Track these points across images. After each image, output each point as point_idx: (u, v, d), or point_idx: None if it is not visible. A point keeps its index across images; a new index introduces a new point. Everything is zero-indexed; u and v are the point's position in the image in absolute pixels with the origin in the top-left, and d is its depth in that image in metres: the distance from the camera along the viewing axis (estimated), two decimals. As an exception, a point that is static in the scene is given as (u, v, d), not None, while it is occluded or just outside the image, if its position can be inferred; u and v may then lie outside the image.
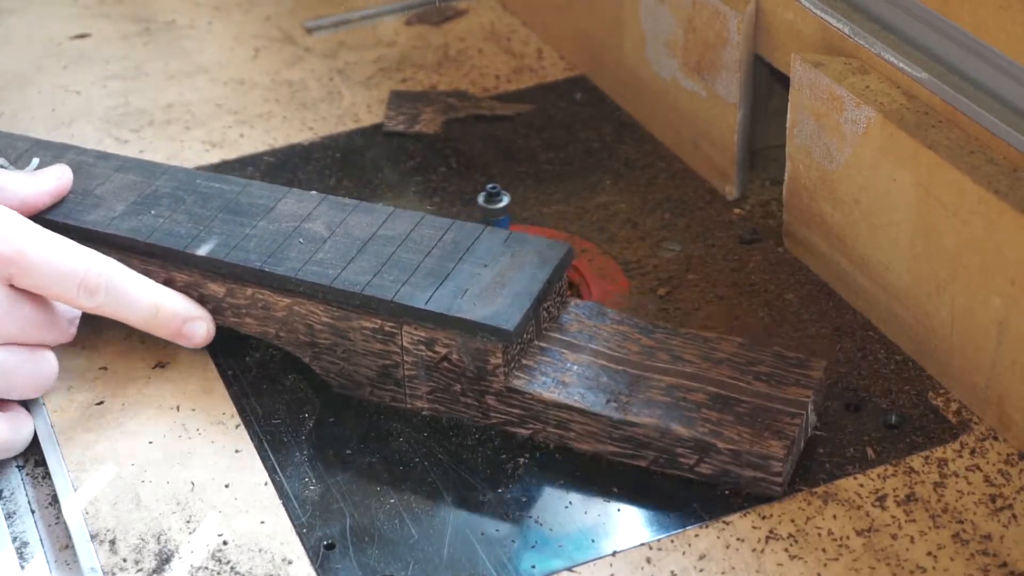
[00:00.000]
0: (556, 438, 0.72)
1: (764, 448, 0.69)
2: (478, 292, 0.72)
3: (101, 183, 0.81)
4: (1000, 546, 0.67)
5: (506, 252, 0.75)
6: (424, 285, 0.73)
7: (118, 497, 0.71)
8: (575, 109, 1.00)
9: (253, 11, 1.12)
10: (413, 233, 0.76)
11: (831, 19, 0.80)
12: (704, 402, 0.71)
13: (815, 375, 0.72)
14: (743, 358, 0.73)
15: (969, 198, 0.71)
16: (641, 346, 0.74)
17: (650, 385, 0.72)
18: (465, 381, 0.73)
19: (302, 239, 0.76)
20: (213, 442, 0.74)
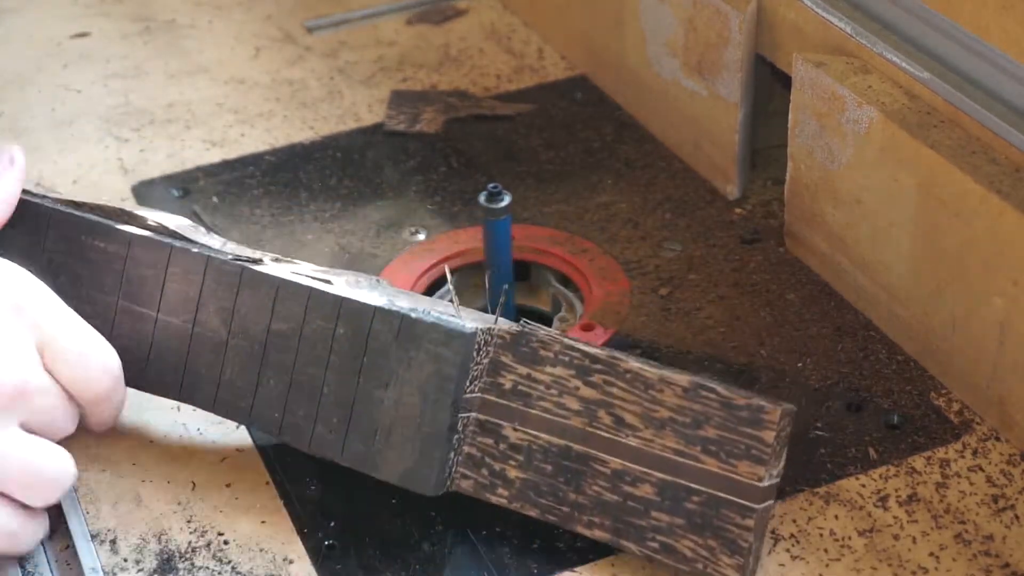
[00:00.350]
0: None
1: (719, 568, 0.65)
2: (387, 432, 0.68)
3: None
4: (1002, 547, 0.67)
5: (401, 360, 0.67)
6: (333, 424, 0.68)
7: (119, 497, 0.71)
8: (576, 109, 1.00)
9: (254, 10, 1.12)
10: (305, 330, 0.69)
11: (833, 19, 0.80)
12: (652, 499, 0.66)
13: (768, 436, 0.65)
14: (688, 415, 0.66)
15: (971, 198, 0.71)
16: (580, 402, 0.67)
17: (596, 472, 0.67)
18: None
19: (205, 349, 0.71)
20: (214, 442, 0.74)
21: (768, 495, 0.65)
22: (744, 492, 0.65)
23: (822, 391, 0.76)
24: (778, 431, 0.65)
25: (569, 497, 0.67)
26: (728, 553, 0.65)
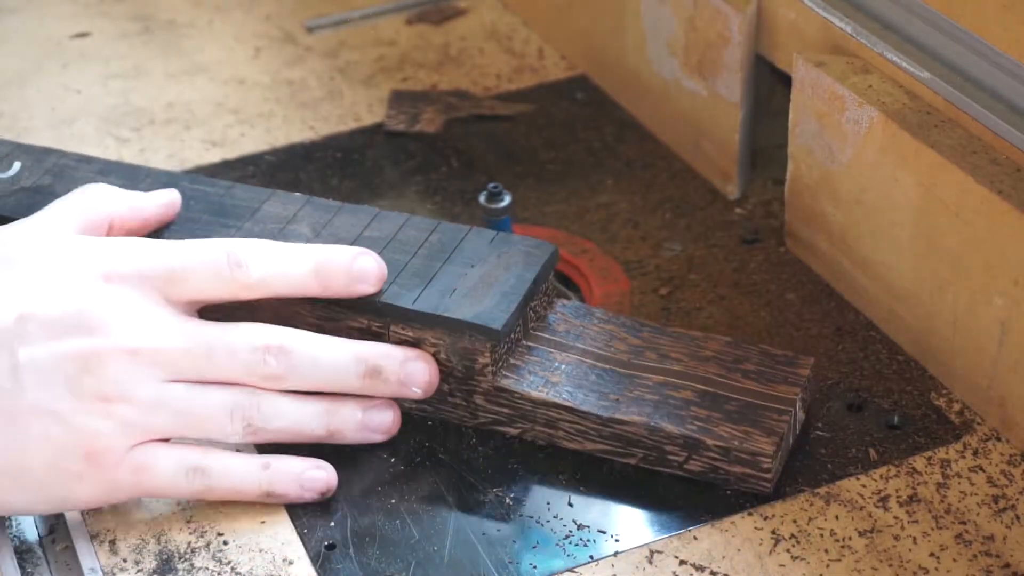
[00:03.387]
0: (545, 437, 0.72)
1: (753, 445, 0.69)
2: (465, 292, 0.72)
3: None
4: (1003, 547, 0.67)
5: (492, 253, 0.75)
6: (411, 285, 0.73)
7: (118, 497, 0.71)
8: (576, 109, 0.99)
9: (253, 10, 1.12)
10: (399, 234, 0.76)
11: (833, 18, 0.80)
12: (693, 400, 0.71)
13: (803, 372, 0.72)
14: (730, 356, 0.73)
15: (971, 198, 0.71)
16: (628, 345, 0.74)
17: (638, 384, 0.72)
18: (453, 381, 0.72)
19: (288, 240, 0.75)
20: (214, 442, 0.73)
21: (799, 409, 0.71)
22: (780, 401, 0.71)
23: (822, 391, 0.76)
24: (811, 373, 0.72)
25: (609, 396, 0.71)
26: (763, 434, 0.69)
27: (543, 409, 0.71)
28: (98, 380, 0.67)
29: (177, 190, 0.78)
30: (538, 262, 0.74)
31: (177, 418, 0.69)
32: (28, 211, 0.77)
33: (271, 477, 0.69)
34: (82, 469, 0.67)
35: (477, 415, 0.73)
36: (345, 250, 0.72)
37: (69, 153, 0.83)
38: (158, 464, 0.68)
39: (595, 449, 0.71)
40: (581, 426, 0.71)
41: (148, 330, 0.69)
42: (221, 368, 0.69)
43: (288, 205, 0.78)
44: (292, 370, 0.70)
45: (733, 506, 0.69)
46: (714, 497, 0.70)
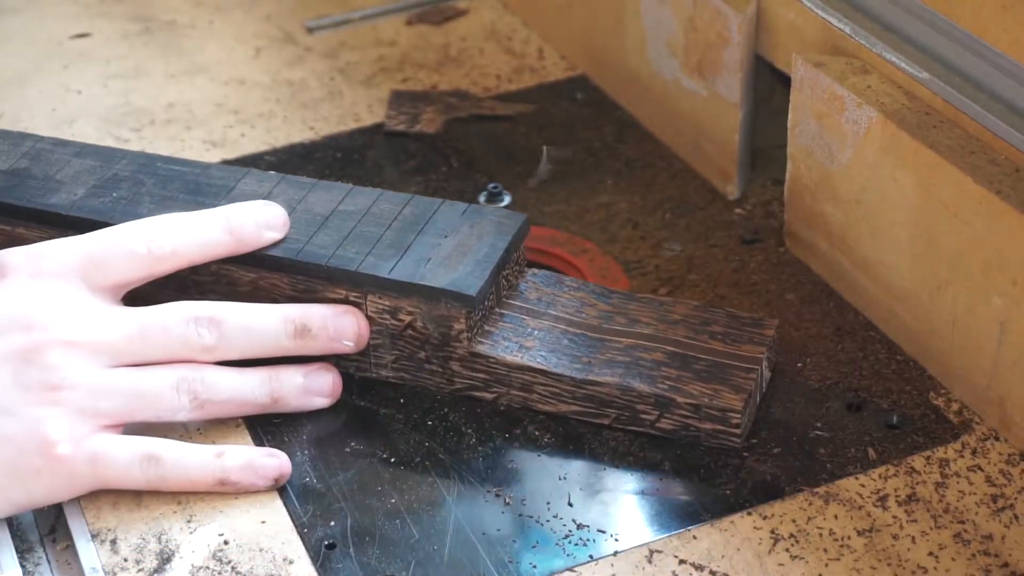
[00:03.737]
0: (520, 401, 0.74)
1: (723, 401, 0.71)
2: (440, 261, 0.74)
3: (60, 168, 0.81)
4: (1002, 546, 0.67)
5: (464, 223, 0.76)
6: (387, 256, 0.74)
7: (119, 497, 0.71)
8: (576, 109, 1.00)
9: (254, 10, 1.12)
10: (373, 208, 0.77)
11: (832, 19, 0.80)
12: (662, 361, 0.73)
13: (768, 333, 0.75)
14: (697, 319, 0.75)
15: (970, 198, 0.71)
16: (599, 311, 0.76)
17: (609, 347, 0.74)
18: (429, 348, 0.74)
19: None
20: (214, 442, 0.74)
21: (765, 368, 0.74)
22: (747, 360, 0.73)
23: (822, 391, 0.76)
24: (775, 334, 0.75)
25: (582, 359, 0.73)
26: (732, 391, 0.71)
27: (518, 373, 0.73)
28: (42, 371, 0.69)
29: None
30: (510, 231, 0.76)
31: (126, 400, 0.70)
32: (5, 193, 0.79)
33: (224, 464, 0.70)
34: (39, 464, 0.68)
35: (453, 381, 0.75)
36: (249, 203, 0.75)
37: (45, 137, 0.84)
38: (112, 453, 0.69)
39: (569, 411, 0.73)
40: (555, 388, 0.73)
41: (82, 321, 0.70)
42: (157, 346, 0.71)
43: (263, 183, 0.80)
44: (225, 339, 0.72)
45: (733, 506, 0.70)
46: (714, 497, 0.70)
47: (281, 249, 0.75)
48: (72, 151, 0.83)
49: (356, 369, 0.76)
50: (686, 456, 0.72)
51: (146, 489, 0.70)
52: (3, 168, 0.82)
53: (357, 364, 0.76)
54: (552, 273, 0.79)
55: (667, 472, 0.72)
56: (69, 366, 0.69)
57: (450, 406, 0.76)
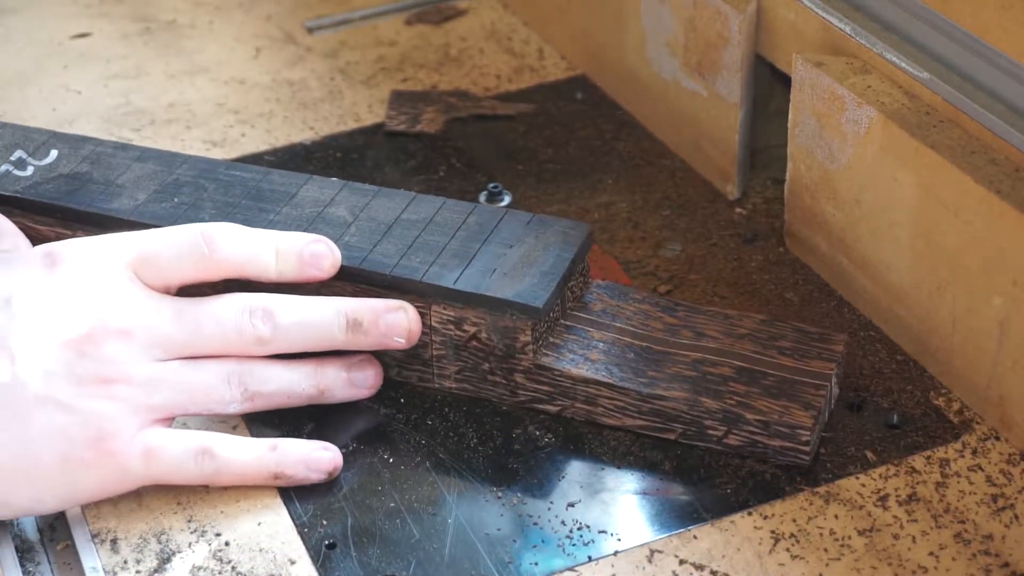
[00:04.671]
0: (584, 414, 0.73)
1: (792, 419, 0.70)
2: (505, 271, 0.74)
3: (121, 172, 0.81)
4: (1002, 546, 0.67)
5: (530, 234, 0.76)
6: (452, 265, 0.74)
7: (119, 497, 0.71)
8: (576, 109, 1.00)
9: (254, 11, 1.12)
10: (437, 216, 0.77)
11: (832, 19, 0.80)
12: (730, 376, 0.72)
13: (837, 348, 0.74)
14: (765, 333, 0.75)
15: (970, 198, 0.71)
16: (664, 324, 0.75)
17: (676, 360, 0.73)
18: (494, 359, 0.74)
19: (326, 224, 0.77)
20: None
21: (834, 384, 0.73)
22: (816, 376, 0.72)
23: (822, 391, 0.76)
24: (845, 349, 0.74)
25: (648, 373, 0.73)
26: (801, 408, 0.70)
27: (583, 386, 0.72)
28: (96, 363, 0.68)
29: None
30: (575, 242, 0.76)
31: (178, 393, 0.70)
32: (66, 197, 0.79)
33: (279, 458, 0.70)
34: (91, 457, 0.68)
35: (517, 393, 0.74)
36: (301, 236, 0.74)
37: (106, 141, 0.84)
38: (166, 447, 0.69)
39: (634, 425, 0.72)
40: (620, 402, 0.72)
41: (136, 312, 0.70)
42: (212, 339, 0.71)
43: (325, 189, 0.79)
44: (278, 332, 0.72)
45: (733, 505, 0.70)
46: (714, 497, 0.70)
47: (345, 257, 0.74)
48: (133, 155, 0.82)
49: (419, 379, 0.76)
50: (686, 456, 0.72)
51: (199, 484, 0.70)
52: (64, 172, 0.81)
53: (420, 375, 0.76)
54: (617, 284, 0.78)
55: (667, 472, 0.72)
56: (123, 358, 0.69)
57: (450, 406, 0.76)
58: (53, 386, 0.67)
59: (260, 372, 0.72)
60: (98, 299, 0.70)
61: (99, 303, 0.70)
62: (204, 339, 0.71)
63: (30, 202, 0.79)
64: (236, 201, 0.79)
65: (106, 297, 0.70)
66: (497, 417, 0.75)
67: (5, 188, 0.80)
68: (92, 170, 0.81)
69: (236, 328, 0.71)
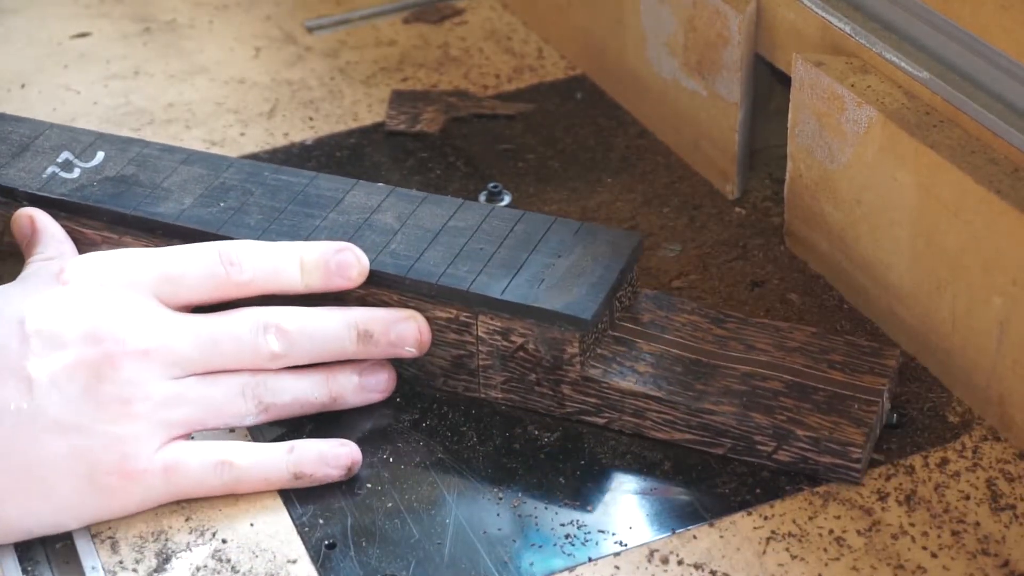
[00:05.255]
0: (632, 427, 0.73)
1: (843, 435, 0.69)
2: (554, 282, 0.73)
3: (168, 175, 0.81)
4: (1001, 546, 0.67)
5: (578, 243, 0.75)
6: (499, 275, 0.73)
7: (119, 497, 0.71)
8: (576, 108, 1.00)
9: (253, 10, 1.12)
10: (484, 224, 0.77)
11: (832, 19, 0.80)
12: (780, 390, 0.71)
13: (890, 363, 0.73)
14: (816, 347, 0.74)
15: (970, 198, 0.71)
16: (713, 336, 0.75)
17: (725, 374, 0.72)
18: (541, 371, 0.73)
19: (373, 230, 0.76)
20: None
21: (886, 399, 0.71)
22: (867, 391, 0.71)
23: (822, 391, 0.76)
24: (896, 364, 0.73)
25: (697, 386, 0.72)
26: (853, 424, 0.70)
27: (631, 399, 0.72)
28: (115, 385, 0.68)
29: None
30: (624, 252, 0.75)
31: (196, 409, 0.70)
32: (112, 200, 0.79)
33: (297, 459, 0.70)
34: (114, 481, 0.68)
35: (564, 405, 0.74)
36: (327, 245, 0.74)
37: (152, 143, 0.84)
38: (186, 462, 0.69)
39: (682, 439, 0.72)
40: (669, 416, 0.71)
41: (153, 331, 0.69)
42: (228, 355, 0.71)
43: (372, 195, 0.79)
44: (292, 346, 0.72)
45: (733, 505, 0.70)
46: (714, 496, 0.70)
47: (391, 265, 0.74)
48: (179, 158, 0.82)
49: (464, 389, 0.75)
50: (686, 456, 0.72)
51: (221, 494, 0.70)
52: (110, 174, 0.81)
53: (466, 384, 0.75)
54: (665, 294, 0.77)
55: (667, 472, 0.72)
56: (142, 379, 0.68)
57: (450, 406, 0.76)
58: (72, 410, 0.67)
59: (274, 384, 0.72)
60: (116, 320, 0.69)
61: (117, 324, 0.69)
62: (221, 356, 0.71)
63: (76, 205, 0.79)
64: (282, 206, 0.78)
65: (124, 317, 0.70)
66: (497, 417, 0.75)
67: (52, 190, 0.80)
68: (138, 172, 0.81)
69: (252, 345, 0.71)
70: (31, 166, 0.82)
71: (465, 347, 0.74)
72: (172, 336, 0.70)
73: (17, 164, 0.82)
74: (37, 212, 0.78)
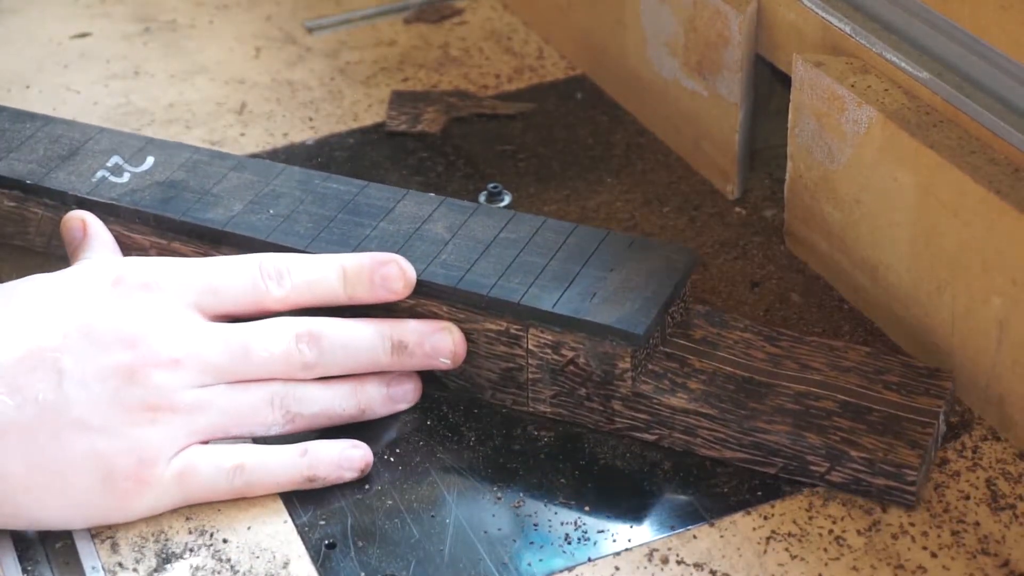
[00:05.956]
0: (682, 444, 0.72)
1: (898, 457, 0.68)
2: (606, 296, 0.72)
3: (217, 182, 0.80)
4: (1001, 546, 0.67)
5: (631, 257, 0.75)
6: (551, 288, 0.73)
7: (119, 496, 0.71)
8: (576, 108, 1.00)
9: (254, 11, 1.12)
10: (536, 237, 0.76)
11: (832, 19, 0.80)
12: (834, 410, 0.70)
13: (946, 385, 0.72)
14: (871, 367, 0.73)
15: (970, 198, 0.71)
16: (766, 354, 0.74)
17: (779, 392, 0.71)
18: (591, 385, 0.72)
19: (423, 241, 0.76)
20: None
21: (942, 422, 0.71)
22: (923, 413, 0.70)
23: (822, 391, 0.76)
24: (952, 386, 0.72)
25: (750, 404, 0.71)
26: (908, 446, 0.69)
27: (682, 416, 0.71)
28: (144, 391, 0.68)
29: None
30: (678, 268, 0.74)
31: (222, 417, 0.70)
32: (161, 206, 0.79)
33: (311, 462, 0.70)
34: (129, 485, 0.67)
35: (614, 420, 0.73)
36: (371, 257, 0.73)
37: (202, 148, 0.84)
38: (199, 467, 0.69)
39: (733, 457, 0.71)
40: (721, 434, 0.70)
41: (188, 340, 0.69)
42: (259, 365, 0.70)
43: (423, 205, 0.78)
44: (324, 356, 0.71)
45: (733, 505, 0.70)
46: (714, 496, 0.70)
47: (442, 276, 0.74)
48: (229, 164, 0.82)
49: (513, 403, 0.75)
50: (686, 456, 0.72)
51: (234, 498, 0.70)
52: (160, 179, 0.81)
53: (514, 398, 0.74)
54: (717, 311, 0.76)
55: (667, 472, 0.72)
56: (171, 387, 0.68)
57: (450, 406, 0.76)
58: (96, 411, 0.67)
59: (302, 394, 0.71)
60: (153, 327, 0.69)
61: (153, 332, 0.69)
62: (252, 365, 0.70)
63: (125, 209, 0.79)
64: (332, 215, 0.78)
65: (161, 326, 0.69)
66: (497, 417, 0.75)
67: (101, 194, 0.80)
68: (188, 178, 0.81)
69: (284, 354, 0.71)
70: (81, 170, 0.82)
71: (515, 360, 0.73)
72: (204, 345, 0.70)
73: (67, 168, 0.82)
74: (89, 216, 0.77)
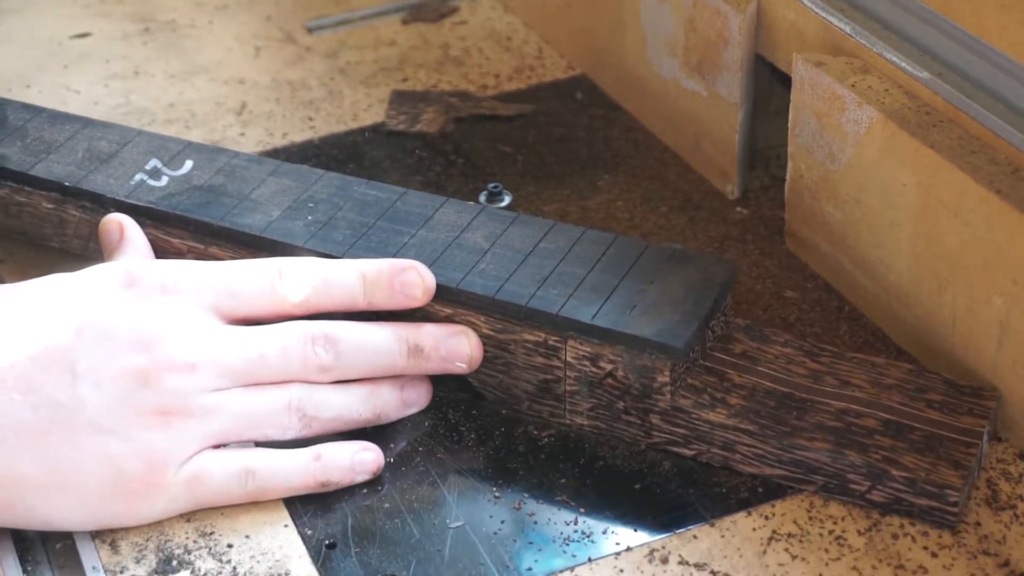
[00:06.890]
0: (721, 459, 0.71)
1: (941, 477, 0.67)
2: (645, 308, 0.72)
3: (256, 187, 0.80)
4: (1001, 546, 0.67)
5: (670, 269, 0.74)
6: (590, 299, 0.72)
7: (119, 497, 0.71)
8: (576, 108, 1.00)
9: (254, 11, 1.12)
10: (575, 247, 0.75)
11: (832, 19, 0.80)
12: (876, 428, 0.70)
13: (989, 404, 0.71)
14: (913, 384, 0.72)
15: (970, 198, 0.71)
16: (807, 369, 0.73)
17: (819, 409, 0.71)
18: (629, 399, 0.72)
19: (462, 249, 0.76)
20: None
21: (985, 442, 0.70)
22: (966, 433, 0.69)
23: (822, 391, 0.76)
24: (996, 406, 0.71)
25: (790, 421, 0.70)
26: (950, 466, 0.68)
27: (721, 431, 0.70)
28: (157, 394, 0.68)
29: None
30: (719, 281, 0.73)
31: (237, 421, 0.69)
32: (200, 210, 0.78)
33: (324, 467, 0.70)
34: (140, 488, 0.67)
35: (652, 434, 0.72)
36: (390, 264, 0.73)
37: (241, 153, 0.83)
38: (210, 472, 0.69)
39: (772, 474, 0.70)
40: (760, 450, 0.70)
41: (204, 342, 0.69)
42: (275, 368, 0.70)
43: (462, 213, 0.78)
44: (341, 359, 0.71)
45: (732, 506, 0.70)
46: (714, 496, 0.70)
47: (480, 286, 0.73)
48: (268, 169, 0.81)
49: (550, 415, 0.74)
50: (686, 456, 0.72)
51: (245, 502, 0.70)
52: (198, 184, 0.81)
53: (551, 410, 0.74)
54: (757, 325, 0.75)
55: (667, 472, 0.72)
56: (186, 391, 0.68)
57: (450, 406, 0.76)
58: (110, 413, 0.67)
59: (318, 398, 0.71)
60: (170, 330, 0.69)
61: (170, 335, 0.69)
62: (268, 369, 0.70)
63: (163, 213, 0.79)
64: (371, 221, 0.77)
65: (177, 328, 0.69)
66: (497, 417, 0.75)
67: (139, 198, 0.80)
68: (226, 183, 0.80)
69: (300, 357, 0.70)
70: (119, 172, 0.81)
71: (552, 372, 0.73)
72: (221, 348, 0.69)
73: (105, 170, 0.82)
74: (127, 220, 0.77)
